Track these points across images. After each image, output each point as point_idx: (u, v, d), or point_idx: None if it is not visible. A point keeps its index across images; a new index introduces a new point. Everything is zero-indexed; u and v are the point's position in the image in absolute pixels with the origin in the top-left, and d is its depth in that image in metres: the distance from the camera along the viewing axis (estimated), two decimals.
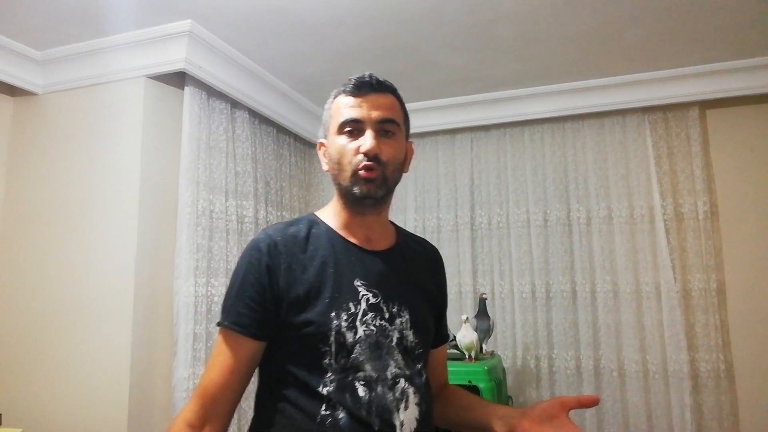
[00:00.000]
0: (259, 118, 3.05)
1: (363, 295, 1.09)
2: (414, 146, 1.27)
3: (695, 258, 2.92)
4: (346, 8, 2.25)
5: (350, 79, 1.17)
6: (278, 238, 1.12)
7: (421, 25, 2.39)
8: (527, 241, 3.25)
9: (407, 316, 1.12)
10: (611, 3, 2.24)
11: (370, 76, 1.16)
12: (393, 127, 1.15)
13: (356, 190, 1.10)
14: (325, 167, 1.21)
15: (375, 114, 1.12)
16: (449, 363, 1.37)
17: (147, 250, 2.33)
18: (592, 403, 1.05)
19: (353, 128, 1.12)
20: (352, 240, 1.17)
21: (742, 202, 2.93)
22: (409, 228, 3.46)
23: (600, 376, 3.02)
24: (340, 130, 1.13)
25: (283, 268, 1.08)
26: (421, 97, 3.26)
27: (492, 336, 3.00)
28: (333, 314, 1.05)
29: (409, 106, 1.29)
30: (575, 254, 3.15)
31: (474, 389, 2.51)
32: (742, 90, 2.86)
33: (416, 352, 1.13)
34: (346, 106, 1.14)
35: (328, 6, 2.23)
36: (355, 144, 1.11)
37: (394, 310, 1.11)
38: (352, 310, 1.07)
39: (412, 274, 1.22)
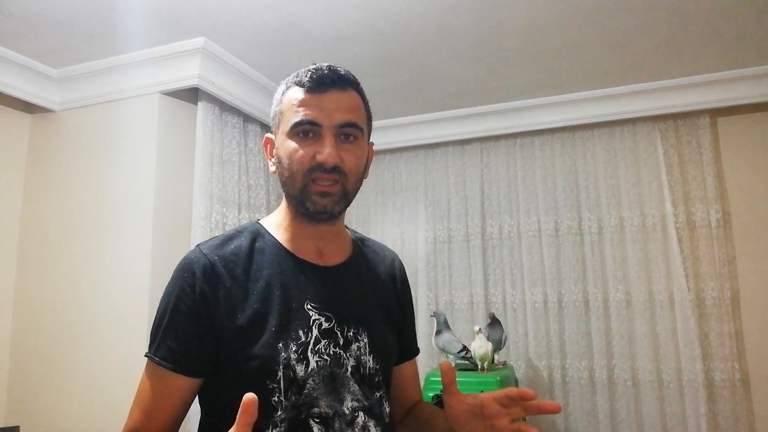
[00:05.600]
0: (270, 131, 3.08)
1: (314, 320, 0.95)
2: (373, 148, 1.11)
3: (708, 266, 2.91)
4: (355, 23, 2.28)
5: (307, 71, 0.99)
6: (215, 258, 0.96)
7: (429, 38, 2.42)
8: (539, 251, 3.25)
9: (365, 340, 0.99)
10: (619, 13, 2.25)
11: (330, 69, 0.99)
12: (355, 132, 0.98)
13: (309, 205, 0.96)
14: (272, 168, 1.04)
15: (336, 117, 0.96)
16: (460, 374, 1.34)
17: (161, 263, 2.37)
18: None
19: (309, 131, 0.96)
20: (302, 255, 1.01)
21: (755, 209, 2.91)
22: (420, 239, 3.48)
23: (614, 386, 3.00)
24: (293, 132, 0.97)
25: (221, 294, 0.93)
26: (431, 108, 3.28)
27: (504, 346, 3.00)
28: (281, 345, 0.91)
29: (419, 117, 1.16)
30: (587, 263, 3.14)
31: None
32: (752, 98, 2.85)
33: (376, 379, 1.00)
34: (302, 105, 0.97)
35: (337, 21, 2.27)
36: (309, 150, 0.95)
37: (350, 334, 0.98)
38: (303, 338, 0.93)
39: (371, 290, 1.08)
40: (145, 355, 0.96)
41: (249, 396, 0.74)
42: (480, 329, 2.78)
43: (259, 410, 0.87)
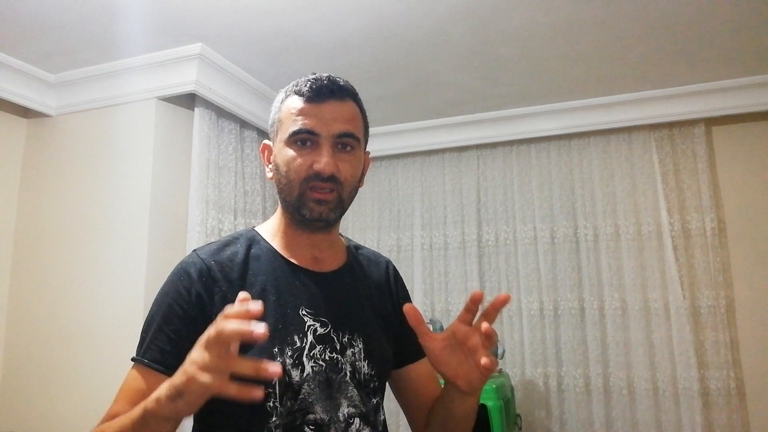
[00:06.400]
0: (267, 137, 3.09)
1: (309, 326, 0.96)
2: (370, 157, 1.12)
3: (704, 275, 2.91)
4: (352, 30, 2.29)
5: (306, 80, 1.01)
6: (211, 263, 0.97)
7: (426, 45, 2.43)
8: (534, 258, 3.25)
9: (360, 345, 1.00)
10: (615, 22, 2.27)
11: (330, 79, 1.01)
12: (352, 142, 1.00)
13: (305, 212, 0.98)
14: (269, 175, 1.06)
15: (334, 127, 0.98)
16: None
17: (157, 269, 2.36)
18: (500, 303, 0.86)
19: (307, 140, 0.98)
20: (297, 262, 1.02)
21: (750, 217, 2.92)
22: (416, 246, 3.48)
23: (609, 394, 3.00)
24: (291, 140, 0.99)
25: (217, 298, 0.93)
26: (428, 115, 3.29)
27: (503, 358, 2.98)
28: (276, 350, 0.91)
29: (415, 124, 1.15)
30: (583, 271, 3.14)
31: (482, 408, 2.51)
32: (747, 107, 2.87)
33: (372, 385, 1.00)
34: (300, 114, 0.98)
35: (335, 28, 2.27)
36: (307, 158, 0.97)
37: (345, 339, 0.98)
38: (298, 344, 0.93)
39: (366, 297, 1.08)
40: (133, 359, 0.94)
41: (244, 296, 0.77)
42: None
43: (253, 416, 0.88)
